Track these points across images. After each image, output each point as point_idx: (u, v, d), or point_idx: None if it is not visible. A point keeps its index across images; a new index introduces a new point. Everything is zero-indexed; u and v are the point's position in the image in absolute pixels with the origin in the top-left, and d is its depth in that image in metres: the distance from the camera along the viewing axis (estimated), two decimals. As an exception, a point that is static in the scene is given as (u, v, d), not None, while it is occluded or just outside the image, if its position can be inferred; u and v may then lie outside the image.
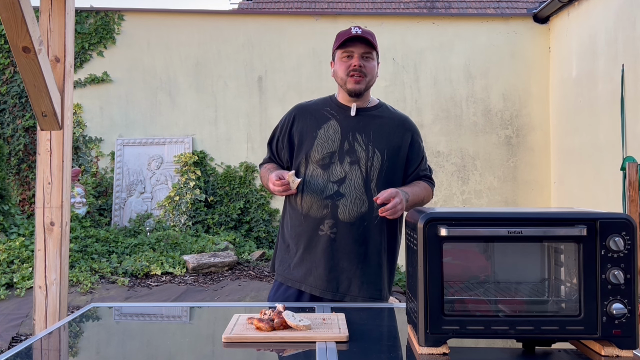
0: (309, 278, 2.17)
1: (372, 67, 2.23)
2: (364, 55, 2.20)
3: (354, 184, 2.16)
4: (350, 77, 2.18)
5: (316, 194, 2.17)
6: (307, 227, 2.19)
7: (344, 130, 2.21)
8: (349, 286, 2.16)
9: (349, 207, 2.15)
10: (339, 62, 2.22)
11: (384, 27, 7.71)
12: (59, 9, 3.08)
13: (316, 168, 2.19)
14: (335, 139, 2.20)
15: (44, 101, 2.96)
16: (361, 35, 2.16)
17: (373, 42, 2.19)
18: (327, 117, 2.24)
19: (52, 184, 3.10)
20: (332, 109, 2.26)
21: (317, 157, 2.19)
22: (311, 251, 2.18)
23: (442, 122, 7.61)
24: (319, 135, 2.21)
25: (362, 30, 2.18)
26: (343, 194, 2.15)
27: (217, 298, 5.19)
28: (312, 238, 2.18)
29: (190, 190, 7.18)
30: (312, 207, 2.17)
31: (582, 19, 6.65)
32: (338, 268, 2.15)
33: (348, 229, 2.15)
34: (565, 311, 1.38)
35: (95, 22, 7.51)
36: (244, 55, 7.58)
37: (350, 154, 2.18)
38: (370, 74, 2.23)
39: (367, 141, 2.20)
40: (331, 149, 2.19)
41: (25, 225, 6.41)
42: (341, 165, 2.17)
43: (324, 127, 2.22)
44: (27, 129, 7.40)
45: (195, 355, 1.49)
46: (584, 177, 6.54)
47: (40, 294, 3.11)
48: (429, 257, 1.33)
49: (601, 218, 1.32)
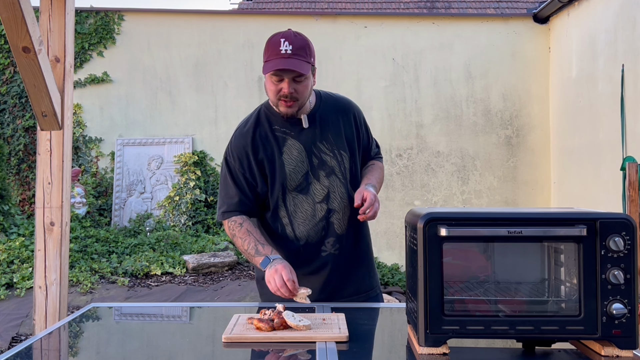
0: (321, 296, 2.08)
1: (305, 87, 1.99)
2: (295, 78, 1.95)
3: (339, 195, 2.08)
4: (280, 101, 1.99)
5: (308, 220, 2.06)
6: (307, 254, 2.08)
7: (305, 145, 2.06)
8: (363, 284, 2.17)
9: (342, 219, 2.09)
10: (269, 83, 2.00)
11: (384, 27, 7.71)
12: (59, 9, 3.08)
13: (296, 195, 2.06)
14: (303, 158, 2.05)
15: (44, 101, 2.96)
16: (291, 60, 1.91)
17: (303, 71, 1.93)
18: (283, 138, 2.06)
19: (52, 184, 3.10)
20: (282, 126, 2.07)
21: (293, 185, 2.05)
22: (318, 273, 2.08)
23: (442, 122, 7.61)
24: (285, 161, 2.05)
25: (293, 48, 1.92)
26: (333, 209, 2.08)
27: (217, 298, 5.19)
28: (315, 261, 2.09)
29: (190, 190, 7.18)
30: (309, 235, 2.06)
31: (582, 19, 6.65)
32: (350, 275, 2.13)
33: (347, 239, 2.12)
34: (565, 311, 1.38)
35: (95, 22, 7.51)
36: (244, 55, 7.58)
37: (322, 167, 2.07)
38: (304, 96, 2.00)
39: (330, 147, 2.09)
40: (303, 171, 2.05)
41: (25, 225, 6.41)
42: (319, 182, 2.07)
43: (286, 151, 2.05)
44: (27, 129, 7.40)
45: (195, 355, 1.49)
46: (584, 177, 6.54)
47: (40, 294, 3.11)
48: (429, 257, 1.33)
49: (601, 218, 1.32)
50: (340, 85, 7.33)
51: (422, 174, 7.53)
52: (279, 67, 1.91)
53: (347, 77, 7.53)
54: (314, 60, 2.03)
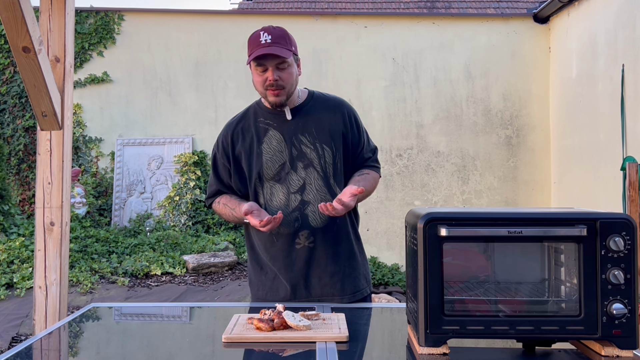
0: (300, 292, 2.09)
1: (290, 75, 2.06)
2: (278, 66, 2.03)
3: (315, 187, 2.09)
4: (268, 91, 2.06)
5: (281, 209, 2.07)
6: (281, 246, 2.09)
7: (286, 136, 2.11)
8: (342, 286, 2.11)
9: (318, 213, 2.07)
10: (255, 74, 2.08)
11: (384, 27, 7.71)
12: (59, 9, 3.08)
13: (273, 184, 2.10)
14: (282, 149, 2.10)
15: (44, 101, 2.96)
16: (270, 51, 1.99)
17: (284, 55, 2.01)
18: (264, 129, 2.13)
19: (52, 184, 3.10)
20: (266, 118, 2.15)
21: (270, 174, 2.09)
22: (293, 268, 2.09)
23: (442, 122, 7.61)
24: (264, 150, 2.10)
25: (273, 36, 2.01)
26: (308, 201, 2.08)
27: (217, 298, 5.19)
28: (289, 254, 2.09)
29: (190, 190, 7.18)
30: (282, 225, 2.05)
31: (582, 19, 6.65)
32: (328, 273, 2.10)
33: (324, 233, 2.09)
34: (565, 311, 1.38)
35: (95, 22, 7.51)
36: (244, 55, 7.50)
37: (301, 158, 2.10)
38: (289, 83, 2.06)
39: (312, 140, 2.11)
40: (281, 160, 2.09)
41: (25, 225, 6.41)
42: (296, 173, 2.09)
43: (266, 141, 2.11)
44: (27, 129, 7.40)
45: (195, 355, 1.49)
46: (584, 177, 6.54)
47: (40, 294, 3.11)
48: (429, 257, 1.33)
49: (601, 218, 1.32)
50: (340, 85, 7.33)
51: (422, 174, 7.53)
52: (260, 53, 1.99)
53: (347, 77, 7.53)
54: (295, 49, 2.10)
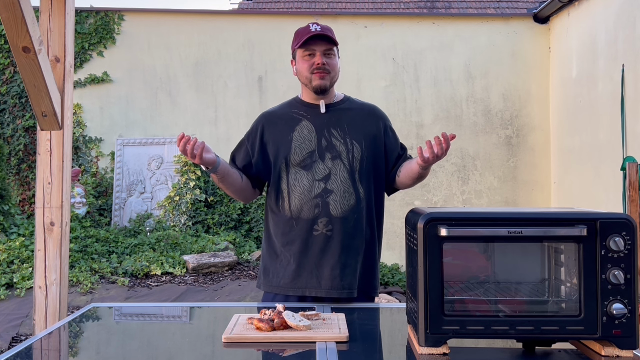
0: (311, 281, 2.14)
1: (335, 64, 2.21)
2: (325, 52, 2.17)
3: (340, 179, 2.16)
4: (314, 75, 2.17)
5: (304, 195, 2.15)
6: (300, 230, 2.15)
7: (317, 128, 2.20)
8: (351, 281, 2.15)
9: (340, 202, 2.15)
10: (301, 61, 2.20)
11: (384, 27, 7.71)
12: (59, 9, 3.08)
13: (299, 170, 2.18)
14: (312, 138, 2.19)
15: (44, 101, 2.96)
16: (321, 33, 2.14)
17: (334, 39, 2.18)
18: (297, 119, 2.23)
19: (52, 184, 3.10)
20: (301, 110, 2.25)
21: (297, 160, 2.18)
22: (308, 253, 2.15)
23: (442, 122, 7.61)
24: (294, 137, 2.20)
25: (322, 26, 2.17)
26: (331, 190, 2.15)
27: (217, 298, 5.19)
28: (306, 240, 2.15)
29: (190, 190, 7.18)
30: (302, 209, 2.15)
31: (582, 19, 6.65)
32: (340, 265, 2.14)
33: (342, 224, 2.14)
34: (565, 311, 1.38)
35: (95, 22, 7.51)
36: (244, 55, 7.58)
37: (329, 149, 2.18)
38: (334, 70, 2.21)
39: (343, 134, 2.20)
40: (309, 149, 2.18)
41: (25, 225, 6.41)
42: (323, 162, 2.17)
43: (297, 129, 2.21)
44: (27, 129, 7.40)
45: (195, 355, 1.49)
46: (584, 177, 6.54)
47: (40, 294, 3.11)
48: (429, 257, 1.33)
49: (601, 218, 1.32)
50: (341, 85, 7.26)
51: (422, 174, 7.51)
52: (311, 34, 2.13)
53: (347, 77, 7.52)
54: (338, 46, 2.23)
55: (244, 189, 2.27)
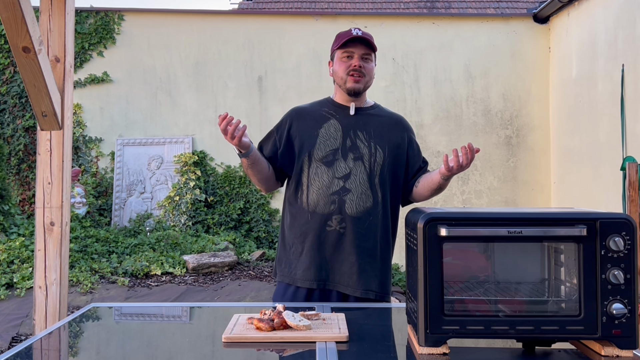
0: (320, 274, 2.19)
1: (371, 69, 2.29)
2: (363, 56, 2.25)
3: (359, 180, 2.21)
4: (349, 77, 2.24)
5: (322, 190, 2.21)
6: (314, 224, 2.21)
7: (344, 128, 2.26)
8: (360, 280, 2.18)
9: (356, 202, 2.19)
10: (339, 62, 2.27)
11: (384, 27, 7.71)
12: (59, 9, 3.08)
13: (320, 165, 2.23)
14: (337, 137, 2.25)
15: (44, 101, 2.96)
16: (362, 37, 2.22)
17: (373, 44, 2.25)
18: (326, 117, 2.29)
19: (52, 184, 3.10)
20: (331, 109, 2.32)
21: (320, 155, 2.23)
22: (320, 248, 2.20)
23: (442, 122, 7.61)
24: (320, 134, 2.26)
25: (363, 32, 2.24)
26: (349, 189, 2.20)
27: (217, 298, 5.19)
28: (319, 234, 2.20)
29: (190, 190, 7.18)
30: (319, 204, 2.20)
31: (582, 19, 6.65)
32: (349, 262, 2.18)
33: (355, 223, 2.19)
34: (565, 311, 1.38)
35: (95, 22, 7.51)
36: (244, 55, 7.58)
37: (353, 150, 2.24)
38: (369, 75, 2.28)
39: (368, 138, 2.26)
40: (334, 147, 2.24)
41: (25, 225, 6.41)
42: (345, 161, 2.22)
43: (325, 126, 2.27)
44: (27, 129, 7.40)
45: (195, 355, 1.49)
46: (584, 177, 6.54)
47: (40, 294, 3.10)
48: (429, 257, 1.33)
49: (601, 218, 1.32)
50: (340, 85, 7.33)
51: (422, 174, 7.52)
52: (353, 36, 2.20)
53: (347, 77, 7.53)
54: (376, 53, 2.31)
55: (269, 178, 2.33)
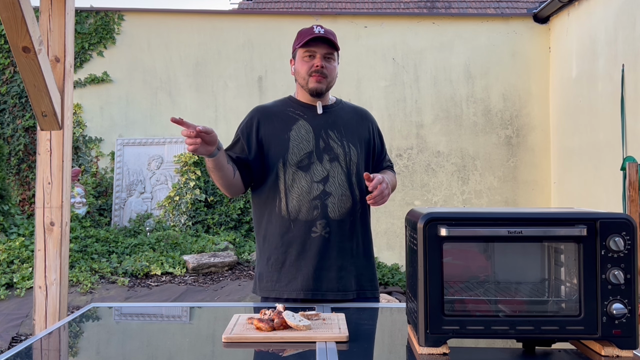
0: (308, 283, 2.11)
1: (333, 68, 2.20)
2: (326, 55, 2.17)
3: (338, 181, 2.16)
4: (311, 77, 2.17)
5: (303, 196, 2.13)
6: (298, 232, 2.13)
7: (315, 128, 2.19)
8: (347, 284, 2.14)
9: (338, 205, 2.14)
10: (301, 62, 2.19)
11: (384, 27, 7.71)
12: (59, 9, 3.08)
13: (296, 170, 2.15)
14: (310, 139, 2.17)
15: (44, 101, 2.96)
16: (324, 36, 2.14)
17: (336, 44, 2.18)
18: (294, 118, 2.20)
19: (52, 184, 3.10)
20: (297, 110, 2.23)
21: (295, 160, 2.15)
22: (306, 255, 2.12)
23: (442, 122, 7.61)
24: (291, 137, 2.17)
25: (325, 30, 2.17)
26: (330, 192, 2.14)
27: (217, 298, 5.19)
28: (304, 242, 2.12)
29: (190, 190, 7.18)
30: (301, 210, 2.12)
31: (582, 19, 6.65)
32: (337, 267, 2.14)
33: (339, 226, 2.14)
34: (565, 311, 1.38)
35: (95, 22, 7.51)
36: (244, 55, 7.58)
37: (327, 151, 2.17)
38: (331, 75, 2.20)
39: (340, 137, 2.20)
40: (307, 149, 2.16)
41: (25, 225, 6.41)
42: (321, 164, 2.16)
43: (295, 128, 2.18)
44: (27, 129, 7.40)
45: (195, 355, 1.49)
46: (584, 177, 6.54)
47: (40, 294, 3.11)
48: (429, 257, 1.33)
49: (601, 218, 1.32)
50: (341, 85, 7.32)
51: (422, 174, 7.53)
52: (314, 36, 2.13)
53: (347, 77, 7.53)
54: (339, 51, 2.23)
55: (234, 183, 2.19)
